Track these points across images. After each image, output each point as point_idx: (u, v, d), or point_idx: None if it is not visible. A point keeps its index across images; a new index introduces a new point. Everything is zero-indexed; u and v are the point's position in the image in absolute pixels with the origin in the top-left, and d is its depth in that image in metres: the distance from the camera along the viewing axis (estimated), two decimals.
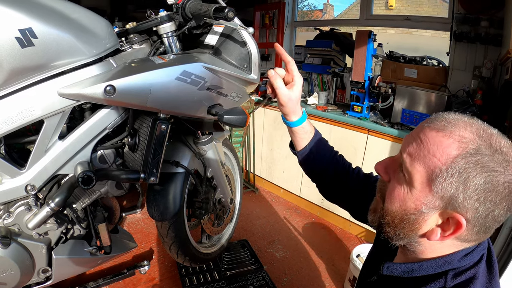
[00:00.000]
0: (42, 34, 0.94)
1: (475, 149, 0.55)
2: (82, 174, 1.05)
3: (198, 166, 1.55)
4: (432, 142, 0.59)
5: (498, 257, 1.50)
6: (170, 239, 1.53)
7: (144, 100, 1.07)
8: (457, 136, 0.57)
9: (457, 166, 0.55)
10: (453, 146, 0.56)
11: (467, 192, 0.55)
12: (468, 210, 0.56)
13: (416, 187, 0.61)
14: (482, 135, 0.57)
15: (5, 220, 1.14)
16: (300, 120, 0.99)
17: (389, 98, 2.37)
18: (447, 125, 0.59)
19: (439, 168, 0.57)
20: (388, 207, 0.66)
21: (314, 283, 2.10)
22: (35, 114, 1.02)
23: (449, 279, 0.62)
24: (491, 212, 0.56)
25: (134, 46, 1.26)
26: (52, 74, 1.02)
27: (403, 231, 0.64)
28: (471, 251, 0.64)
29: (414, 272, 0.66)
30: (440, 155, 0.57)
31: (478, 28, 2.10)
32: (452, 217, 0.58)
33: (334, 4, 4.84)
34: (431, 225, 0.62)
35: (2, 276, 1.14)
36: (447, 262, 0.63)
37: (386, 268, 0.71)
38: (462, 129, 0.58)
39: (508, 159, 0.55)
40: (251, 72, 1.34)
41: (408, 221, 0.63)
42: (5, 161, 1.06)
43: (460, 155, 0.55)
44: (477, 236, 0.60)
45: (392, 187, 0.66)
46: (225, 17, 1.05)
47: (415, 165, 0.60)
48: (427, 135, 0.60)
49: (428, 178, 0.59)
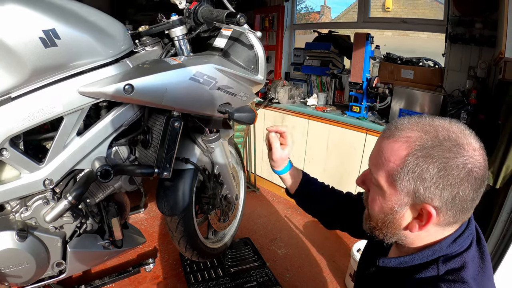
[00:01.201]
0: (65, 35, 1.00)
1: (421, 145, 0.62)
2: (101, 168, 1.10)
3: (206, 163, 1.60)
4: (385, 150, 0.66)
5: (493, 251, 1.55)
6: (179, 234, 1.57)
7: (160, 99, 1.12)
8: (404, 138, 0.64)
9: (409, 164, 0.62)
10: (402, 147, 0.64)
11: (425, 184, 0.61)
12: (433, 198, 0.62)
13: (386, 191, 0.68)
14: (428, 130, 0.63)
15: (23, 214, 1.18)
16: (286, 169, 1.16)
17: (387, 99, 2.44)
18: (395, 131, 0.66)
19: (395, 170, 0.64)
20: (371, 213, 0.74)
21: (315, 278, 2.15)
22: (55, 111, 1.07)
23: (440, 266, 0.67)
24: (456, 194, 0.61)
25: (147, 48, 1.31)
26: (72, 73, 1.07)
27: (389, 230, 0.71)
28: (459, 236, 0.69)
29: (408, 263, 0.72)
30: (394, 159, 0.64)
31: (473, 29, 2.17)
32: (422, 208, 0.64)
33: (331, 6, 4.90)
34: (408, 219, 0.68)
35: (18, 269, 1.18)
36: (437, 250, 0.68)
37: (382, 262, 0.77)
38: (408, 130, 0.65)
39: (458, 143, 0.61)
40: (258, 73, 1.39)
41: (389, 221, 0.70)
42: (25, 156, 1.11)
43: (409, 154, 0.62)
44: (456, 218, 0.65)
45: (371, 196, 0.74)
46: (237, 22, 1.12)
47: (379, 173, 0.68)
48: (382, 145, 0.68)
49: (391, 181, 0.66)
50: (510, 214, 1.48)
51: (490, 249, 1.54)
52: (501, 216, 1.50)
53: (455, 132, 0.62)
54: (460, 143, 0.61)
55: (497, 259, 1.52)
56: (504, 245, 1.51)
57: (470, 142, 0.62)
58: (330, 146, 2.70)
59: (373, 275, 0.86)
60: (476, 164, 0.61)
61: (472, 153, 0.61)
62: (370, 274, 0.88)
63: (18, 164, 1.11)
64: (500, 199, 1.55)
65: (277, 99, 3.02)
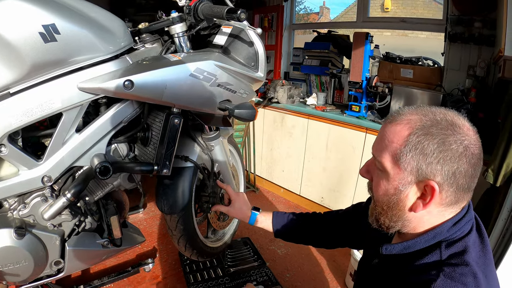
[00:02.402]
0: (64, 30, 0.99)
1: (422, 125, 0.67)
2: (100, 165, 1.10)
3: (205, 161, 1.59)
4: (389, 133, 0.71)
5: (494, 249, 1.55)
6: (179, 232, 1.56)
7: (160, 95, 1.12)
8: (405, 120, 0.69)
9: (411, 142, 0.67)
10: (404, 128, 0.69)
11: (427, 159, 0.66)
12: (435, 174, 0.66)
13: (390, 173, 0.71)
14: (427, 114, 0.69)
15: (21, 212, 1.17)
16: (252, 218, 1.30)
17: (386, 98, 2.44)
18: (397, 116, 0.72)
19: (399, 149, 0.68)
20: (376, 199, 0.78)
21: (316, 278, 2.14)
22: (54, 107, 1.06)
23: (443, 250, 0.70)
24: (456, 169, 0.65)
25: (147, 45, 1.31)
26: (71, 69, 1.07)
27: (393, 213, 0.74)
28: (459, 220, 0.72)
29: (410, 248, 0.75)
30: (397, 139, 0.69)
31: (472, 29, 2.17)
32: (426, 185, 0.68)
33: (330, 7, 4.92)
34: (413, 199, 0.71)
35: (16, 267, 1.17)
36: (438, 233, 0.71)
37: (385, 249, 0.80)
38: (409, 114, 0.70)
39: (454, 123, 0.66)
40: (258, 70, 1.39)
41: (393, 203, 0.73)
42: (23, 152, 1.10)
43: (411, 133, 0.67)
44: (457, 196, 0.69)
45: (375, 182, 0.77)
46: (238, 18, 1.12)
47: (383, 155, 0.72)
48: (385, 129, 0.73)
49: (395, 160, 0.70)
50: (511, 212, 1.48)
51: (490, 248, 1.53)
52: (501, 214, 1.50)
53: (450, 115, 0.68)
54: (456, 123, 0.66)
55: (498, 257, 1.51)
56: (505, 244, 1.51)
57: (465, 124, 0.68)
58: (329, 146, 2.70)
59: (377, 266, 0.87)
60: (472, 142, 0.66)
61: (467, 132, 0.66)
62: (373, 267, 0.89)
63: (16, 161, 1.10)
64: (500, 197, 1.55)
65: (277, 99, 3.02)
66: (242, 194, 1.36)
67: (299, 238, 1.27)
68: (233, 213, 1.32)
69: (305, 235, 1.26)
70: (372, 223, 0.81)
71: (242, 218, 1.31)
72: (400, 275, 0.75)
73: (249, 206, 1.32)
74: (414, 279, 0.70)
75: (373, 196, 0.80)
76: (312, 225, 1.24)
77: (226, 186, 1.38)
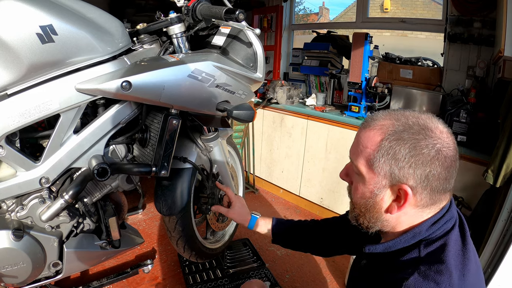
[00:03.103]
0: (62, 31, 0.99)
1: (394, 130, 0.68)
2: (98, 166, 1.09)
3: (204, 162, 1.59)
4: (363, 138, 0.73)
5: (493, 250, 1.54)
6: (177, 234, 1.56)
7: (158, 96, 1.11)
8: (378, 126, 0.71)
9: (383, 147, 0.68)
10: (376, 134, 0.70)
11: (399, 164, 0.67)
12: (408, 178, 0.67)
13: (365, 177, 0.73)
14: (399, 118, 0.70)
15: (18, 213, 1.17)
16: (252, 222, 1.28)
17: (386, 98, 2.43)
18: (370, 121, 0.73)
19: (372, 155, 0.70)
20: (354, 201, 0.80)
21: (315, 279, 2.13)
22: (52, 108, 1.06)
23: (422, 249, 0.71)
24: (429, 172, 0.66)
25: (145, 46, 1.31)
26: (69, 70, 1.07)
27: (371, 215, 0.76)
28: (438, 220, 0.73)
29: (392, 247, 0.76)
30: (370, 145, 0.71)
31: (471, 29, 2.17)
32: (400, 189, 0.69)
33: (329, 7, 4.92)
34: (388, 202, 0.73)
35: (14, 269, 1.17)
36: (417, 233, 0.73)
37: (368, 249, 0.81)
38: (382, 119, 0.72)
39: (426, 126, 0.68)
40: (256, 71, 1.39)
41: (370, 205, 0.75)
42: (21, 154, 1.10)
43: (383, 139, 0.69)
44: (433, 198, 0.70)
45: (354, 186, 0.79)
46: (236, 18, 1.11)
47: (358, 160, 0.74)
48: (360, 135, 0.75)
49: (369, 165, 0.71)
50: (511, 212, 1.47)
51: (490, 248, 1.53)
52: (501, 215, 1.49)
53: (423, 119, 0.69)
54: (428, 127, 0.67)
55: (498, 258, 1.51)
56: (505, 244, 1.50)
57: (438, 126, 0.69)
58: (329, 146, 2.70)
59: (364, 267, 0.89)
60: (445, 145, 0.67)
61: (440, 135, 0.67)
62: (361, 267, 0.91)
63: (14, 162, 1.10)
64: (500, 198, 1.54)
65: (276, 99, 3.01)
66: (241, 198, 1.34)
67: (298, 246, 1.27)
68: (233, 215, 1.30)
69: (303, 243, 1.25)
70: (351, 221, 0.84)
71: (241, 222, 1.29)
72: (380, 273, 0.77)
73: (248, 210, 1.31)
74: (390, 277, 0.72)
75: (351, 198, 0.82)
76: (310, 233, 1.24)
77: (226, 189, 1.36)
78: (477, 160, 1.82)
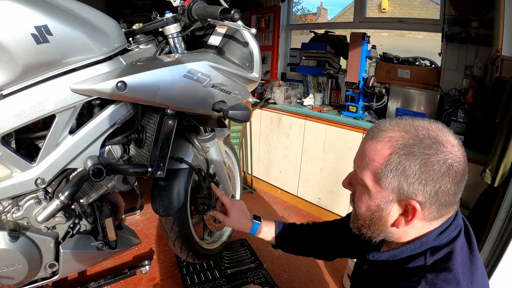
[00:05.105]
0: (57, 31, 0.98)
1: (403, 144, 0.65)
2: (93, 167, 1.09)
3: (201, 163, 1.59)
4: (369, 150, 0.68)
5: (491, 249, 1.54)
6: (174, 234, 1.56)
7: (154, 96, 1.11)
8: (386, 138, 0.67)
9: (392, 162, 0.65)
10: (385, 147, 0.66)
11: (409, 180, 0.64)
12: (417, 194, 0.65)
13: (371, 190, 0.70)
14: (409, 130, 0.66)
15: (14, 214, 1.16)
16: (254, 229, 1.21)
17: (383, 98, 2.43)
18: (378, 132, 0.69)
19: (380, 169, 0.67)
20: (358, 212, 0.76)
21: (313, 279, 2.13)
22: (47, 108, 1.05)
23: (428, 256, 0.69)
24: (439, 188, 0.64)
25: (141, 46, 1.31)
26: (64, 70, 1.07)
27: (376, 227, 0.73)
28: (445, 228, 0.71)
29: (397, 256, 0.74)
30: (378, 158, 0.67)
31: (469, 29, 2.17)
32: (408, 204, 0.67)
33: (327, 7, 4.93)
34: (395, 215, 0.70)
35: (10, 270, 1.16)
36: (424, 242, 0.71)
37: (372, 256, 0.79)
38: (390, 131, 0.68)
39: (438, 140, 0.64)
40: (253, 71, 1.39)
41: (376, 219, 0.72)
42: (16, 154, 1.09)
43: (392, 153, 0.65)
44: (441, 212, 0.68)
45: (357, 196, 0.75)
46: (231, 18, 1.11)
47: (364, 173, 0.70)
48: (366, 146, 0.70)
49: (376, 179, 0.68)
50: (509, 212, 1.47)
51: (489, 248, 1.53)
52: (499, 214, 1.49)
53: (434, 130, 0.66)
54: (439, 140, 0.64)
55: (496, 258, 1.51)
56: (503, 244, 1.50)
57: (449, 139, 0.65)
58: (326, 146, 2.70)
59: (366, 273, 0.88)
60: (456, 160, 0.64)
61: (451, 149, 0.64)
62: (363, 273, 0.89)
63: (9, 163, 1.09)
64: (498, 197, 1.54)
65: (274, 100, 3.01)
66: (239, 202, 1.25)
67: (300, 250, 1.24)
68: (230, 223, 1.21)
69: (306, 248, 1.23)
70: (353, 229, 0.81)
71: (241, 229, 1.21)
72: (386, 281, 0.75)
73: (248, 215, 1.23)
74: (397, 285, 0.70)
75: (355, 208, 0.78)
76: (313, 237, 1.21)
77: (221, 194, 1.26)
78: (475, 159, 1.82)
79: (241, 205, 1.24)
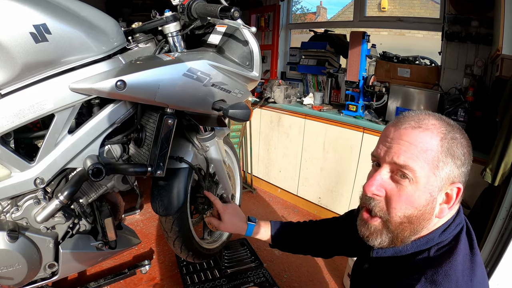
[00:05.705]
0: (56, 30, 0.98)
1: (446, 129, 0.68)
2: (92, 166, 1.08)
3: (201, 162, 1.58)
4: (418, 140, 0.67)
5: (492, 249, 1.54)
6: (174, 234, 1.55)
7: (153, 95, 1.10)
8: (430, 126, 0.68)
9: (445, 148, 0.66)
10: (433, 134, 0.67)
11: (457, 163, 0.67)
12: (461, 176, 0.69)
13: (421, 182, 0.67)
14: (441, 117, 0.70)
15: (13, 214, 1.16)
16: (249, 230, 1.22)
17: (383, 97, 2.43)
18: (418, 121, 0.69)
19: (436, 156, 0.66)
20: (402, 214, 0.70)
21: (313, 279, 2.13)
22: (46, 108, 1.05)
23: (432, 252, 0.70)
24: (468, 169, 0.70)
25: (140, 45, 1.30)
26: (63, 69, 1.06)
27: (416, 225, 0.70)
28: (448, 225, 0.72)
29: (402, 252, 0.74)
30: (431, 146, 0.66)
31: (469, 28, 2.16)
32: (452, 188, 0.69)
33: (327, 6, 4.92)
34: (438, 205, 0.70)
35: (9, 270, 1.16)
36: (430, 239, 0.71)
37: (376, 253, 0.78)
38: (427, 119, 0.69)
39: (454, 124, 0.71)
40: (253, 69, 1.38)
41: (424, 213, 0.69)
42: (15, 154, 1.08)
43: (442, 139, 0.67)
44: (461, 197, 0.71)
45: (397, 196, 0.70)
46: (231, 16, 1.10)
47: (416, 164, 0.67)
48: (410, 136, 0.68)
49: (432, 168, 0.67)
50: (509, 211, 1.47)
51: (489, 247, 1.53)
52: (500, 213, 1.49)
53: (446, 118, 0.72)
54: (455, 124, 0.70)
55: (496, 257, 1.51)
56: (504, 243, 1.50)
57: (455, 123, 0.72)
58: (326, 145, 2.69)
59: (367, 271, 0.87)
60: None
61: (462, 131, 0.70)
62: (363, 271, 0.89)
63: (8, 163, 1.09)
64: (499, 197, 1.54)
65: (273, 99, 3.01)
66: (232, 206, 1.27)
67: (297, 248, 1.24)
68: (224, 227, 1.21)
69: (303, 246, 1.22)
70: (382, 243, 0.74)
71: (236, 231, 1.22)
72: (388, 278, 0.75)
73: (242, 217, 1.24)
74: (398, 282, 0.70)
75: (388, 213, 0.72)
76: (310, 235, 1.21)
77: (214, 199, 1.27)
78: (475, 159, 1.81)
79: (234, 208, 1.25)
